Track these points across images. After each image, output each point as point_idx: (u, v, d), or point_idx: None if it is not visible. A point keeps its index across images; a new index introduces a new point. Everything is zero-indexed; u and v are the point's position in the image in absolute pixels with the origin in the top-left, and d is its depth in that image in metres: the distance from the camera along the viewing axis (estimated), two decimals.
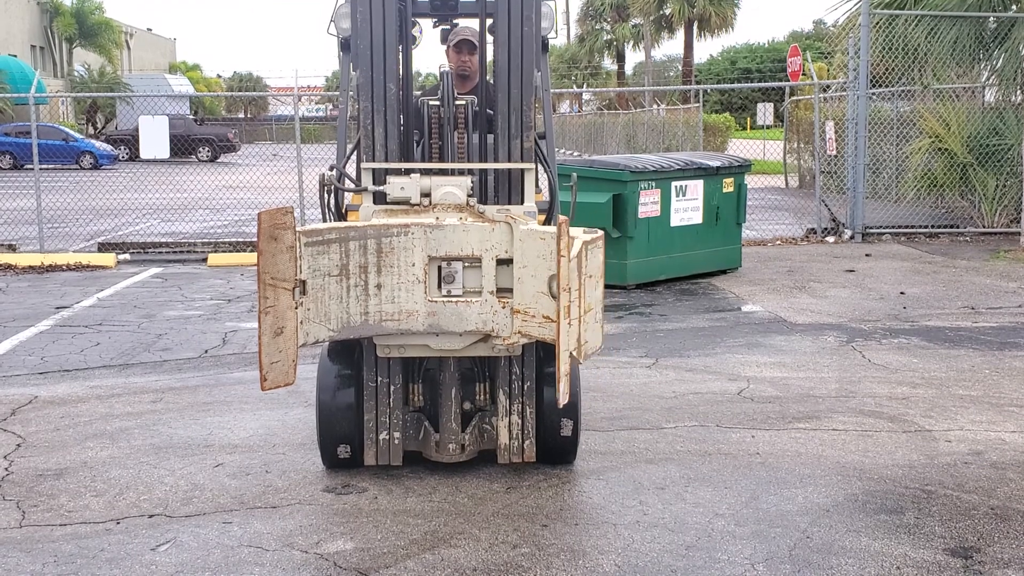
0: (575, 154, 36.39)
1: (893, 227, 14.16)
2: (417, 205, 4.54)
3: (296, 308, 4.12)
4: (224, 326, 8.80)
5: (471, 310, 4.39)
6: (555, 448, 4.94)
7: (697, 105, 22.20)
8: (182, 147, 26.04)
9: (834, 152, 15.42)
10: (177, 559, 4.08)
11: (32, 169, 14.47)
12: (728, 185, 11.13)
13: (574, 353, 4.00)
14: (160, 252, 13.40)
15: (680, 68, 52.45)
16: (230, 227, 16.46)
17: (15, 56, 43.97)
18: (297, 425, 5.81)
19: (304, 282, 4.12)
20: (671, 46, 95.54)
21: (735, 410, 6.04)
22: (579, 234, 4.12)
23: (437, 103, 4.78)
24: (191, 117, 41.35)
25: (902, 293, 9.84)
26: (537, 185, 5.17)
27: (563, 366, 3.86)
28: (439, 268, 4.43)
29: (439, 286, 4.44)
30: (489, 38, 4.96)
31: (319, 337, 4.23)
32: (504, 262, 4.39)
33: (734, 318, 8.91)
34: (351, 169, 4.87)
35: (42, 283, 11.35)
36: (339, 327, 4.23)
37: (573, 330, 3.94)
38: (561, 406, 4.05)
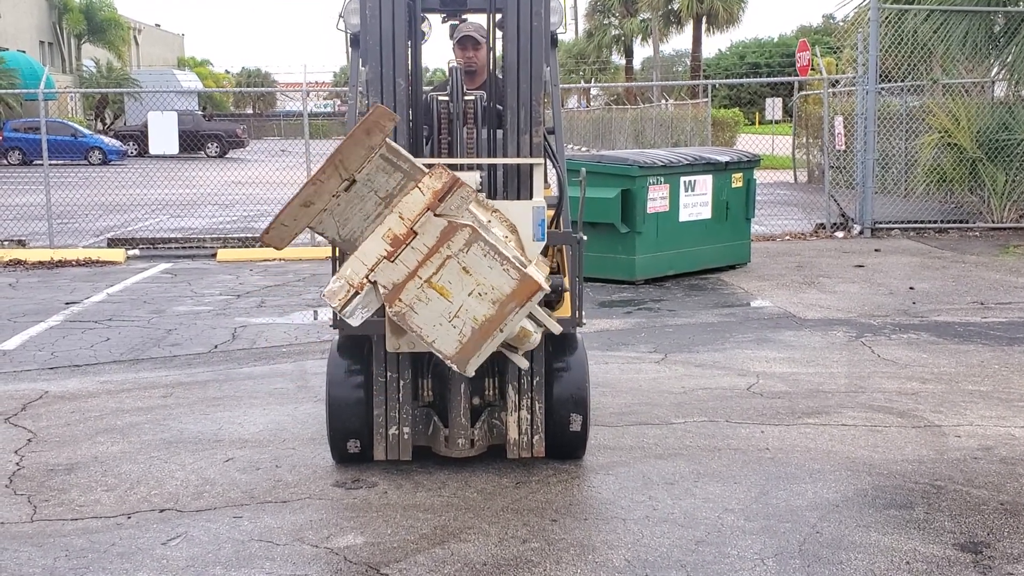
0: (584, 149, 36.37)
1: (902, 222, 14.13)
2: None
3: (333, 197, 4.06)
4: (234, 321, 8.82)
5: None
6: (564, 443, 4.95)
7: (705, 100, 22.15)
8: (191, 143, 26.07)
9: (843, 147, 15.39)
10: (188, 553, 4.09)
11: (41, 165, 14.52)
12: (737, 180, 11.12)
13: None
14: (169, 248, 13.43)
15: (688, 63, 52.38)
16: (239, 222, 16.49)
17: (24, 52, 44.06)
18: (307, 420, 5.82)
19: (354, 182, 4.07)
20: (679, 41, 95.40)
21: (744, 405, 6.04)
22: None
23: (446, 99, 4.79)
24: (200, 113, 41.36)
25: (911, 288, 9.82)
26: (546, 180, 5.18)
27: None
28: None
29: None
30: (498, 33, 4.96)
31: (326, 232, 4.09)
32: None
33: (743, 313, 8.90)
34: None
35: (52, 278, 11.38)
36: (344, 238, 4.14)
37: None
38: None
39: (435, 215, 3.90)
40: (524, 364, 4.53)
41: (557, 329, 4.44)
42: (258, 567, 3.96)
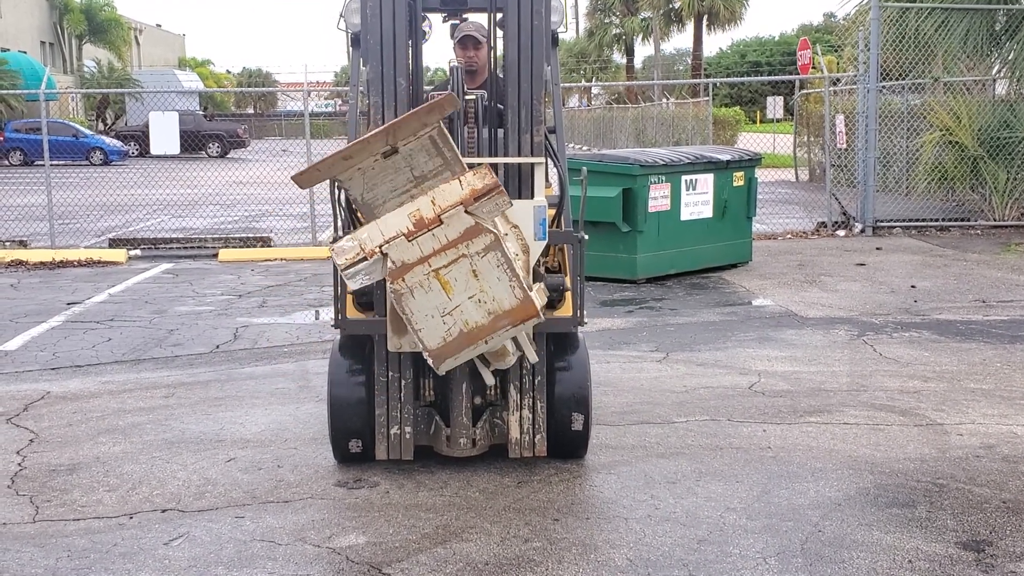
0: (585, 148, 36.36)
1: (904, 220, 14.12)
2: None
3: (371, 159, 4.06)
4: (235, 321, 8.82)
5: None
6: (566, 442, 4.95)
7: (707, 99, 22.14)
8: (192, 143, 26.07)
9: (844, 145, 15.37)
10: (190, 553, 4.10)
11: (43, 165, 14.53)
12: (738, 179, 11.11)
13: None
14: (171, 248, 13.43)
15: (689, 62, 52.37)
16: (240, 222, 16.50)
17: (25, 52, 44.09)
18: (309, 420, 5.82)
19: (396, 152, 4.07)
20: (680, 40, 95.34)
21: (746, 404, 6.04)
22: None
23: None
24: (201, 113, 41.36)
25: (913, 286, 9.82)
26: (547, 179, 5.18)
27: None
28: None
29: None
30: (498, 32, 4.96)
31: (351, 189, 4.09)
32: None
33: (745, 312, 8.90)
34: None
35: (53, 279, 11.39)
36: (366, 201, 4.14)
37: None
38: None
39: (466, 211, 3.90)
40: (490, 380, 4.60)
41: (534, 358, 4.55)
42: (260, 567, 3.96)
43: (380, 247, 3.91)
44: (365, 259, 3.91)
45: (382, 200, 4.10)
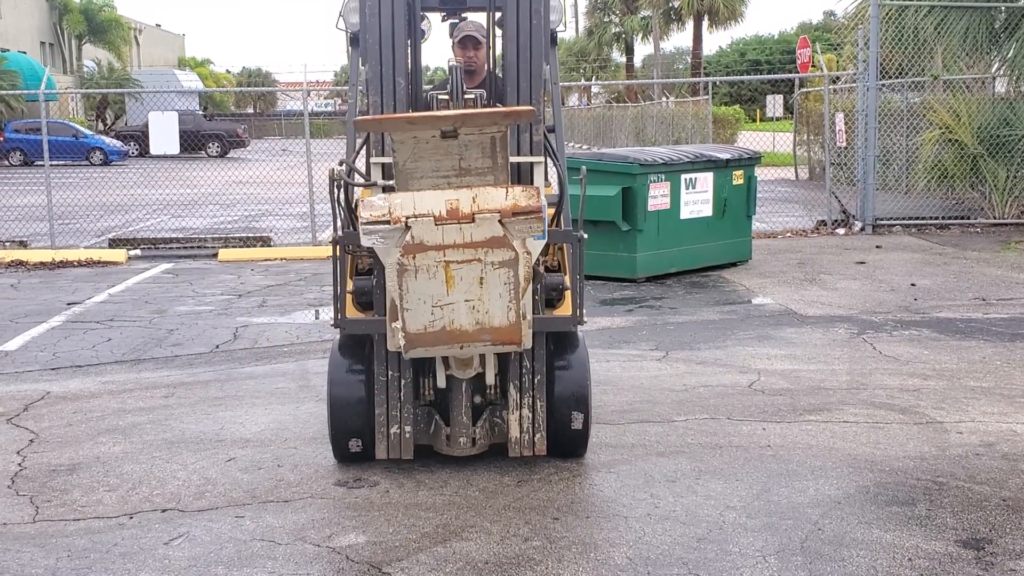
0: (584, 147, 36.36)
1: (903, 219, 14.12)
2: None
3: (430, 134, 4.05)
4: (235, 321, 8.82)
5: None
6: (566, 441, 4.95)
7: (706, 97, 22.13)
8: (192, 143, 26.08)
9: (844, 144, 15.38)
10: (190, 553, 4.10)
11: (42, 166, 14.53)
12: (738, 177, 11.11)
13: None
14: (171, 248, 13.43)
15: (689, 60, 52.36)
16: (240, 222, 16.50)
17: (25, 53, 44.08)
18: (308, 419, 5.82)
19: (454, 137, 4.09)
20: (680, 38, 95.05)
21: (746, 403, 6.04)
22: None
23: (446, 97, 4.78)
24: (200, 113, 41.39)
25: (913, 285, 9.82)
26: (547, 178, 5.18)
27: None
28: None
29: None
30: (497, 32, 4.96)
31: (397, 153, 4.11)
32: None
33: (744, 311, 8.90)
34: (361, 164, 4.87)
35: (53, 279, 11.39)
36: (404, 170, 4.12)
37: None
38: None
39: (500, 221, 3.91)
40: (443, 383, 4.62)
41: (491, 380, 4.62)
42: (260, 567, 3.96)
43: (407, 218, 3.89)
44: (388, 223, 3.90)
45: (421, 175, 4.10)
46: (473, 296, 4.00)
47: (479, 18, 5.37)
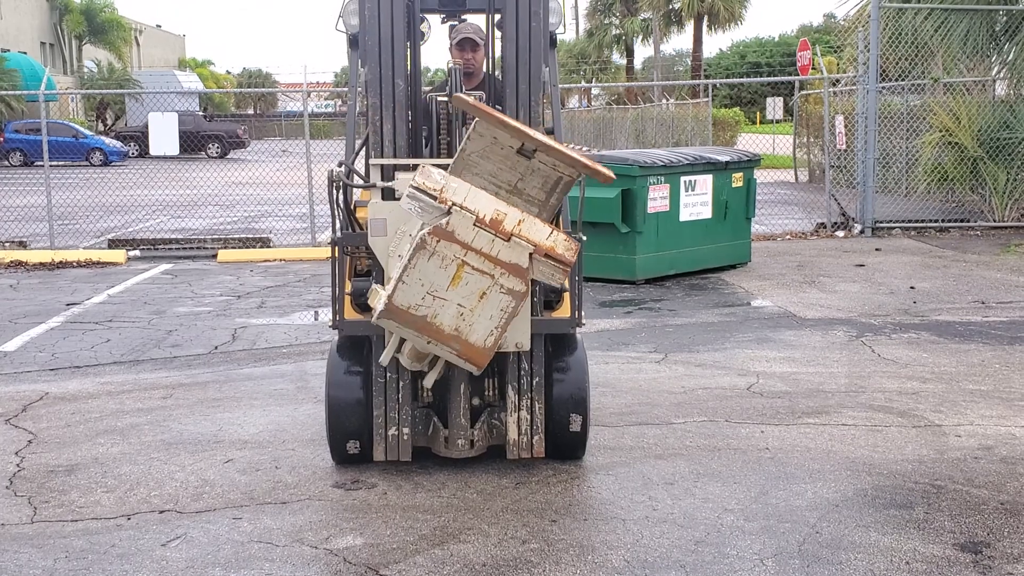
0: (584, 149, 36.29)
1: (903, 221, 14.12)
2: None
3: (510, 142, 4.12)
4: (234, 322, 8.82)
5: None
6: (564, 443, 4.95)
7: (706, 100, 22.13)
8: (192, 143, 26.09)
9: (844, 146, 15.38)
10: (187, 555, 4.10)
11: (42, 166, 14.53)
12: (737, 180, 11.12)
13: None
14: (170, 248, 13.43)
15: (689, 62, 52.36)
16: (240, 223, 16.50)
17: (25, 53, 44.09)
18: (306, 421, 5.82)
19: (528, 158, 4.17)
20: (680, 40, 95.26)
21: (744, 405, 6.03)
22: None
23: (445, 99, 4.78)
24: (200, 113, 41.39)
25: (912, 287, 9.82)
26: None
27: None
28: None
29: None
30: (497, 34, 4.96)
31: (471, 140, 4.18)
32: None
33: (743, 313, 8.90)
34: (360, 165, 4.87)
35: (53, 280, 11.39)
36: (468, 164, 4.20)
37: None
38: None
39: (530, 254, 3.96)
40: (385, 361, 4.54)
41: (429, 383, 4.58)
42: (257, 568, 3.96)
43: (453, 204, 3.93)
44: (435, 199, 3.93)
45: (477, 172, 4.15)
46: (467, 305, 4.01)
47: (478, 20, 5.37)
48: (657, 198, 10.29)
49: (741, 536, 4.19)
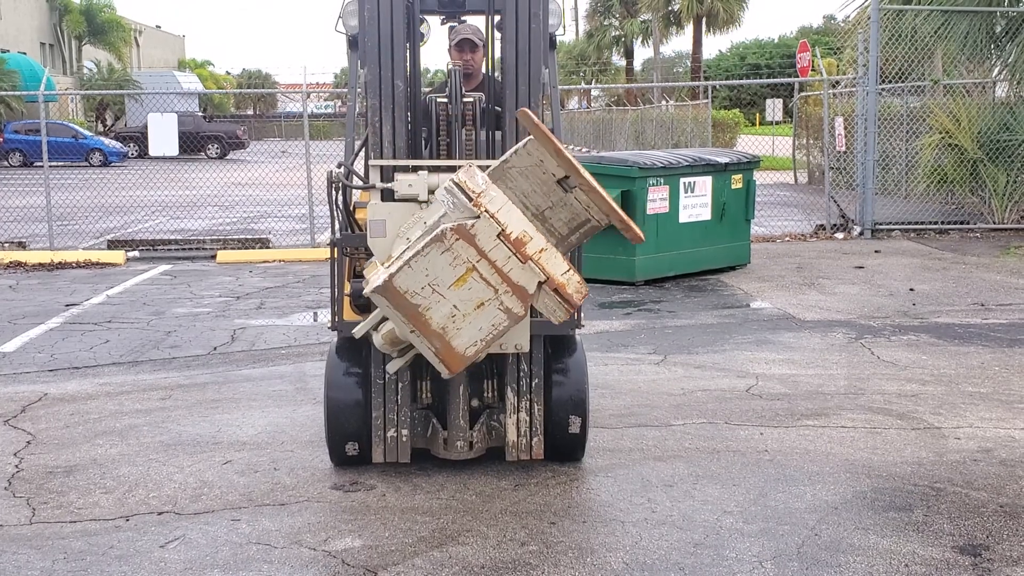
0: (584, 150, 36.36)
1: (903, 223, 14.12)
2: (425, 203, 4.53)
3: (553, 169, 4.14)
4: (233, 323, 8.81)
5: None
6: (563, 445, 4.94)
7: (706, 101, 22.13)
8: (191, 144, 26.09)
9: (843, 148, 15.38)
10: (186, 556, 4.09)
11: (42, 167, 14.52)
12: (737, 181, 11.11)
13: None
14: (169, 249, 13.43)
15: (689, 64, 52.36)
16: (239, 224, 16.49)
17: (25, 53, 44.09)
18: (305, 423, 5.82)
19: (565, 191, 4.20)
20: (680, 42, 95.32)
21: (744, 407, 6.03)
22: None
23: (445, 100, 4.78)
24: (200, 114, 41.40)
25: (911, 290, 9.82)
26: None
27: None
28: None
29: None
30: (496, 35, 4.96)
31: (518, 155, 4.20)
32: None
33: (743, 315, 8.90)
34: (359, 166, 4.87)
35: (52, 280, 11.38)
36: (510, 176, 4.19)
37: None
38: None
39: (540, 283, 3.97)
40: (359, 333, 4.47)
41: (391, 370, 4.56)
42: (256, 570, 3.96)
43: (485, 210, 3.94)
44: (470, 199, 3.94)
45: (511, 186, 4.17)
46: (462, 309, 4.01)
47: (478, 21, 5.37)
48: (656, 199, 10.29)
49: (740, 538, 4.18)
